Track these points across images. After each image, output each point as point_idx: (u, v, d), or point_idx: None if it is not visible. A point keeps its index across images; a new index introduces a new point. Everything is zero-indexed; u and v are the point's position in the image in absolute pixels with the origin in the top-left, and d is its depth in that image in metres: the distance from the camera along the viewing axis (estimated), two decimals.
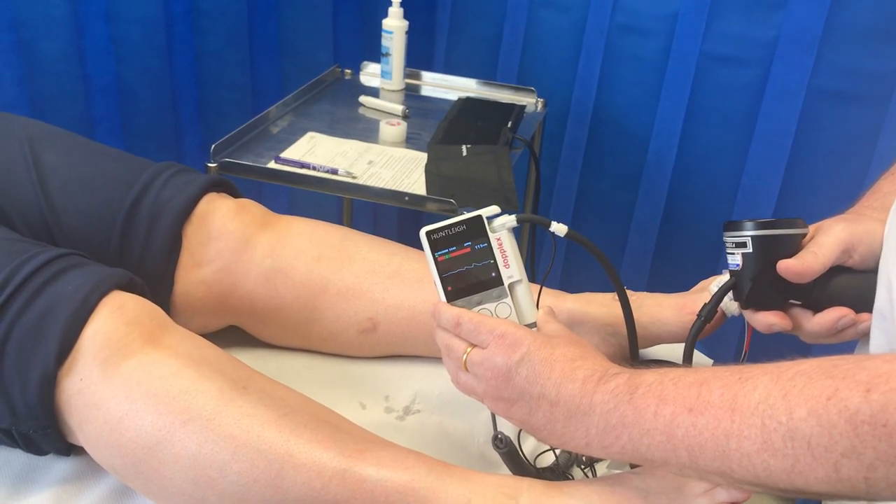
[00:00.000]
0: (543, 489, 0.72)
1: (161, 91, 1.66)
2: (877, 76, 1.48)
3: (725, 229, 0.79)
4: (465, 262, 0.75)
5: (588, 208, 1.91)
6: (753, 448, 0.56)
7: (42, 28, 1.44)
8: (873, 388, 0.51)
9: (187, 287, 0.95)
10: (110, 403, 0.74)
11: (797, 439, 0.54)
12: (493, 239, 0.75)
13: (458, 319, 0.72)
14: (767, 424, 0.55)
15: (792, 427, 0.54)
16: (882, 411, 0.51)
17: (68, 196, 0.91)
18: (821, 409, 0.53)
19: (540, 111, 1.68)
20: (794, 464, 0.54)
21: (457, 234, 0.75)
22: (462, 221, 0.75)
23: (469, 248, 0.75)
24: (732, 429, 0.57)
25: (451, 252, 0.74)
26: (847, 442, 0.52)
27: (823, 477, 0.53)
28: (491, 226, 0.75)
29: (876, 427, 0.51)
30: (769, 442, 0.55)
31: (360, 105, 1.64)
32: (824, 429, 0.53)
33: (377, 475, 0.71)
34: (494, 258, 0.75)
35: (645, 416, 0.62)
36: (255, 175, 1.34)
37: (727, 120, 1.66)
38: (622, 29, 1.72)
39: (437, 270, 0.74)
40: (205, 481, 0.71)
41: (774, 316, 0.77)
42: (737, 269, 0.78)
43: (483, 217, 0.75)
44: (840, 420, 0.52)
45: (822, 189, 1.57)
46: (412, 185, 1.31)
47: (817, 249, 0.74)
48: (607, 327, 0.92)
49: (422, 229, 0.74)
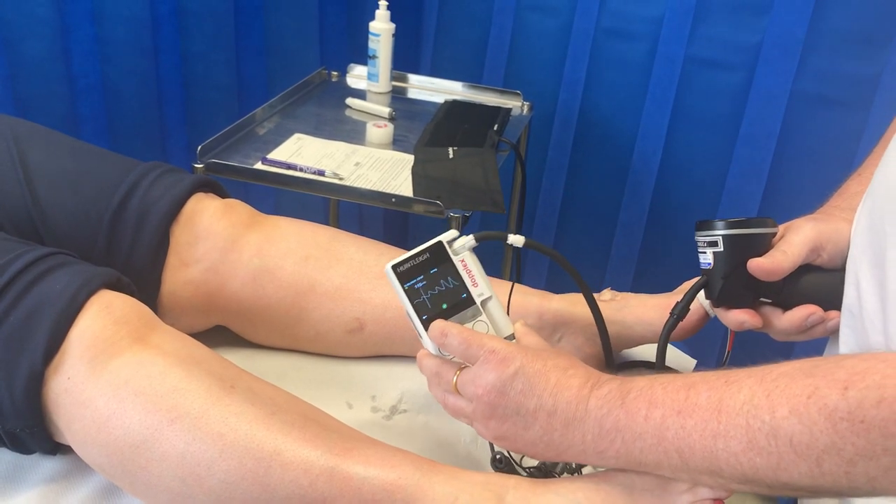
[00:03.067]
0: (530, 487, 0.72)
1: (147, 91, 1.66)
2: (859, 80, 1.49)
3: (697, 229, 0.80)
4: (435, 288, 0.76)
5: (574, 210, 1.92)
6: (740, 447, 0.57)
7: (27, 28, 1.44)
8: (850, 386, 0.53)
9: (174, 287, 0.95)
10: (98, 402, 0.73)
11: (780, 437, 0.55)
12: (457, 262, 0.77)
13: (446, 331, 0.72)
14: (752, 424, 0.57)
15: (775, 426, 0.56)
16: (859, 407, 0.52)
17: (55, 195, 0.91)
18: (801, 407, 0.55)
19: (526, 114, 1.69)
20: (778, 461, 0.56)
21: (421, 262, 0.76)
22: (424, 250, 0.76)
23: (436, 273, 0.76)
24: (719, 429, 0.58)
25: (418, 281, 0.76)
26: (827, 438, 0.53)
27: (807, 472, 0.54)
28: (452, 248, 0.77)
29: (854, 423, 0.52)
30: (754, 441, 0.57)
31: (347, 107, 1.64)
32: (805, 426, 0.54)
33: (364, 473, 0.71)
34: (462, 280, 0.77)
35: (636, 420, 0.63)
36: (242, 176, 1.34)
37: (712, 123, 1.68)
38: (608, 32, 1.73)
39: (408, 301, 0.75)
40: (192, 479, 0.72)
41: (745, 314, 0.79)
42: (708, 267, 0.80)
43: (444, 242, 0.77)
44: (820, 417, 0.54)
45: (804, 191, 1.59)
46: (399, 186, 1.32)
47: (787, 248, 0.76)
48: (592, 327, 0.92)
49: (386, 265, 0.75)
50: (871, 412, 0.52)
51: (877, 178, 0.72)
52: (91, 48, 1.54)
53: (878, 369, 0.53)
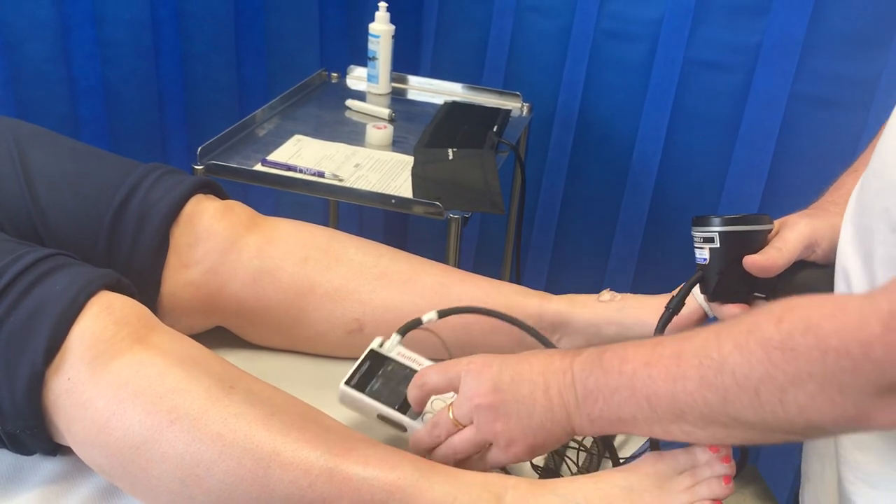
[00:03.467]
0: (529, 487, 0.72)
1: (147, 93, 1.66)
2: (858, 82, 1.49)
3: (694, 224, 0.81)
4: (391, 384, 0.84)
5: (573, 211, 1.92)
6: (694, 385, 0.61)
7: (28, 30, 1.44)
8: (784, 319, 0.57)
9: (174, 288, 0.95)
10: (98, 403, 0.74)
11: (725, 371, 0.60)
12: (395, 356, 0.86)
13: (422, 376, 0.78)
14: (703, 362, 0.61)
15: (721, 361, 0.60)
16: (789, 337, 0.56)
17: (56, 196, 0.91)
18: (742, 340, 0.59)
19: (525, 115, 1.69)
20: (725, 394, 0.60)
21: (367, 370, 0.85)
22: (363, 360, 0.86)
23: (384, 372, 0.85)
24: (678, 372, 0.63)
25: (374, 384, 0.84)
26: (762, 368, 0.57)
27: (748, 403, 0.58)
28: (384, 349, 0.87)
29: (785, 351, 0.56)
30: (705, 378, 0.61)
31: (347, 108, 1.64)
32: (745, 358, 0.58)
33: (364, 474, 0.72)
34: (408, 367, 0.85)
35: (612, 375, 0.68)
36: (242, 178, 1.34)
37: (711, 124, 1.68)
38: (607, 34, 1.73)
39: (375, 402, 0.82)
40: (192, 480, 0.72)
41: (740, 309, 0.80)
42: (704, 263, 0.80)
43: (374, 349, 0.87)
44: (757, 348, 0.58)
45: (804, 192, 1.58)
46: (399, 188, 1.32)
47: (782, 245, 0.77)
48: (592, 328, 0.93)
49: (340, 385, 0.83)
50: (799, 340, 0.55)
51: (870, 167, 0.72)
52: (92, 50, 1.54)
53: (808, 303, 0.57)
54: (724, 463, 0.70)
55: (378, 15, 1.64)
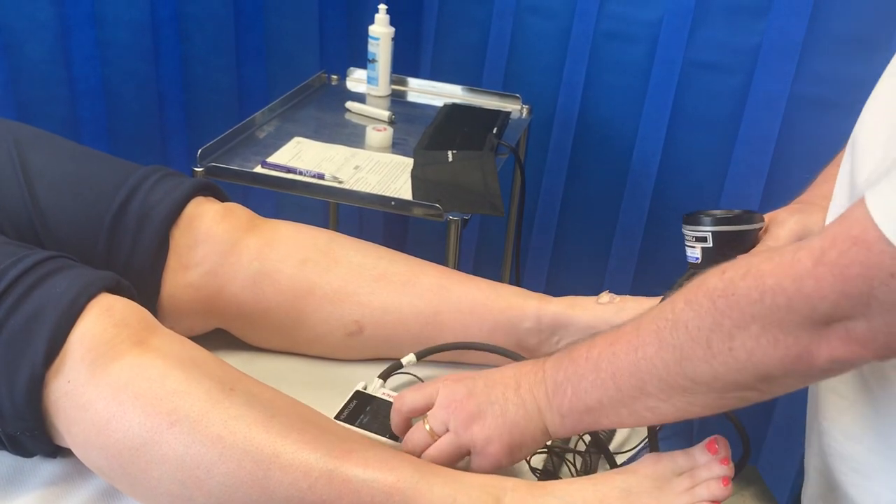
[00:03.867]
0: (527, 489, 0.73)
1: (147, 95, 1.66)
2: (857, 83, 1.49)
3: (685, 222, 0.81)
4: (379, 417, 0.87)
5: (573, 213, 1.92)
6: (653, 350, 0.63)
7: (28, 31, 1.44)
8: (728, 270, 0.60)
9: (174, 290, 0.95)
10: (98, 405, 0.74)
11: (679, 328, 0.62)
12: (379, 395, 0.91)
13: (401, 397, 0.81)
14: (660, 325, 0.64)
15: (675, 319, 0.62)
16: (731, 284, 0.59)
17: (56, 198, 0.91)
18: (692, 296, 0.62)
19: (525, 117, 1.69)
20: (680, 352, 0.61)
21: (355, 408, 0.89)
22: (350, 400, 0.90)
23: (370, 410, 0.89)
24: (638, 341, 0.65)
25: (363, 419, 0.88)
26: (710, 318, 0.60)
27: (702, 357, 0.60)
28: (369, 391, 0.91)
29: (728, 298, 0.59)
30: (663, 340, 0.63)
31: (347, 110, 1.64)
32: (695, 311, 0.61)
33: (363, 476, 0.72)
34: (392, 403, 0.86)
35: (579, 363, 0.70)
36: (242, 180, 1.34)
37: (711, 126, 1.68)
38: (607, 35, 1.73)
39: (367, 433, 0.86)
40: (192, 482, 0.72)
41: None
42: (696, 262, 0.80)
43: (360, 390, 0.91)
44: (705, 300, 0.60)
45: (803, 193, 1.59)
46: (398, 190, 1.32)
47: (773, 244, 0.78)
48: (591, 329, 0.93)
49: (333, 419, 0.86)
50: (739, 284, 0.58)
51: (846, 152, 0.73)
52: (91, 52, 1.54)
53: (750, 254, 0.60)
54: (723, 464, 0.70)
55: (378, 17, 1.65)
